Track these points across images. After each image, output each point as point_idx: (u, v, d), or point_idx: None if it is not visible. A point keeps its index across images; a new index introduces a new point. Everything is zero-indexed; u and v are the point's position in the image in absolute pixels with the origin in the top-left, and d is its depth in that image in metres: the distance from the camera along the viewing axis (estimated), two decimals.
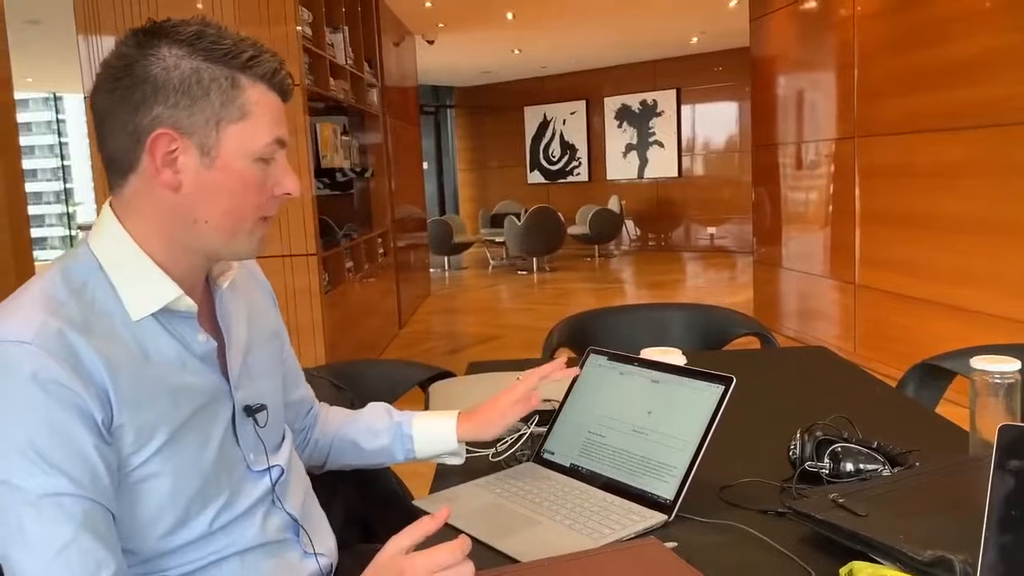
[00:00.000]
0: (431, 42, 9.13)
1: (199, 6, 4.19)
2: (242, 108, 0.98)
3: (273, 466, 1.12)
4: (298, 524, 1.15)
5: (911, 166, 4.43)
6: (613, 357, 1.37)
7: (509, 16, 8.41)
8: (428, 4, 7.65)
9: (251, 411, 1.09)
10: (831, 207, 5.32)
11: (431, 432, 1.35)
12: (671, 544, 1.00)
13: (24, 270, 2.16)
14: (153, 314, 0.99)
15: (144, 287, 0.99)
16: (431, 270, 9.65)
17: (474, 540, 1.08)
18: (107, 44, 4.22)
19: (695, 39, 10.35)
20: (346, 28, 5.44)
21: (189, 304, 1.01)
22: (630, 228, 12.51)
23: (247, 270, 1.22)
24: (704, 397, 1.19)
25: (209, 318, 1.09)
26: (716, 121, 11.67)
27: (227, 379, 1.07)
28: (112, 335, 0.95)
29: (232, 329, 1.10)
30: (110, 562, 0.90)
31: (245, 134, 0.98)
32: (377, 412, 1.39)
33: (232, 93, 0.97)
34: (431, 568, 0.88)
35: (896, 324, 4.62)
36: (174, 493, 0.99)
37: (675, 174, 12.04)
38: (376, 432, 1.37)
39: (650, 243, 12.53)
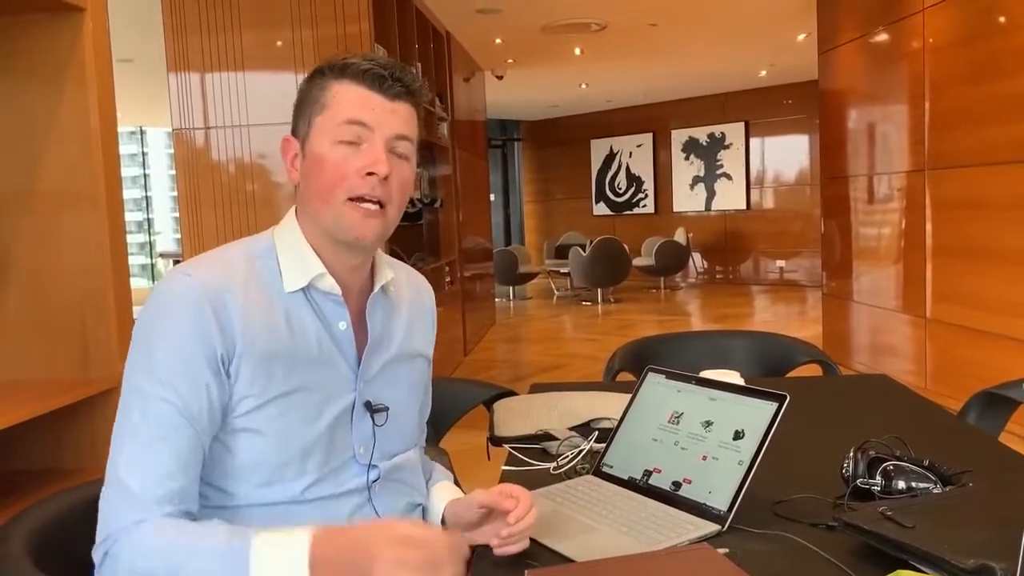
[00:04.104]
0: (500, 77, 9.33)
1: (279, 43, 4.40)
2: (324, 103, 1.15)
3: (374, 466, 1.19)
4: None
5: (983, 199, 4.36)
6: (671, 375, 1.42)
7: (577, 51, 8.54)
8: (498, 41, 7.84)
9: (371, 408, 1.19)
10: (902, 240, 5.25)
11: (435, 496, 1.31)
12: (723, 550, 1.05)
13: (123, 304, 2.27)
14: (304, 290, 1.15)
15: (298, 264, 1.17)
16: (496, 300, 9.75)
17: (532, 541, 1.15)
18: (195, 80, 4.46)
19: (764, 72, 10.33)
20: (419, 64, 5.64)
21: (331, 284, 1.17)
22: (697, 260, 12.45)
23: (417, 294, 1.35)
24: (759, 414, 1.23)
25: (360, 318, 1.21)
26: (786, 154, 11.59)
27: (356, 371, 1.18)
28: (263, 299, 1.13)
29: (379, 332, 1.22)
30: (181, 477, 1.03)
31: (325, 121, 1.15)
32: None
33: (321, 94, 1.16)
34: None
35: (968, 359, 4.52)
36: (272, 451, 1.10)
37: (743, 207, 11.96)
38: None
39: (717, 275, 12.44)
